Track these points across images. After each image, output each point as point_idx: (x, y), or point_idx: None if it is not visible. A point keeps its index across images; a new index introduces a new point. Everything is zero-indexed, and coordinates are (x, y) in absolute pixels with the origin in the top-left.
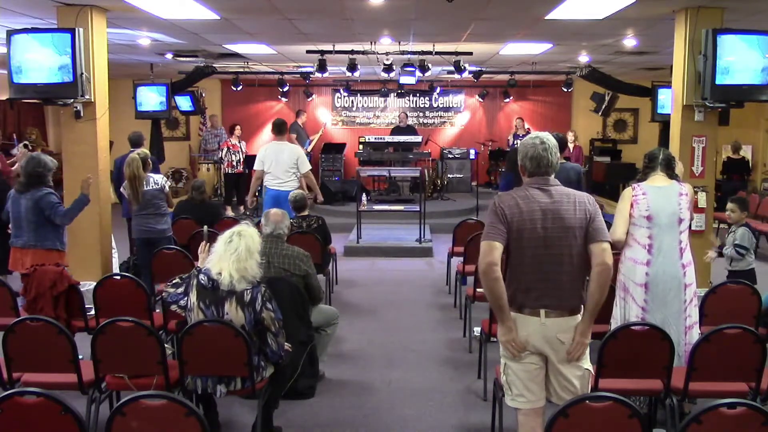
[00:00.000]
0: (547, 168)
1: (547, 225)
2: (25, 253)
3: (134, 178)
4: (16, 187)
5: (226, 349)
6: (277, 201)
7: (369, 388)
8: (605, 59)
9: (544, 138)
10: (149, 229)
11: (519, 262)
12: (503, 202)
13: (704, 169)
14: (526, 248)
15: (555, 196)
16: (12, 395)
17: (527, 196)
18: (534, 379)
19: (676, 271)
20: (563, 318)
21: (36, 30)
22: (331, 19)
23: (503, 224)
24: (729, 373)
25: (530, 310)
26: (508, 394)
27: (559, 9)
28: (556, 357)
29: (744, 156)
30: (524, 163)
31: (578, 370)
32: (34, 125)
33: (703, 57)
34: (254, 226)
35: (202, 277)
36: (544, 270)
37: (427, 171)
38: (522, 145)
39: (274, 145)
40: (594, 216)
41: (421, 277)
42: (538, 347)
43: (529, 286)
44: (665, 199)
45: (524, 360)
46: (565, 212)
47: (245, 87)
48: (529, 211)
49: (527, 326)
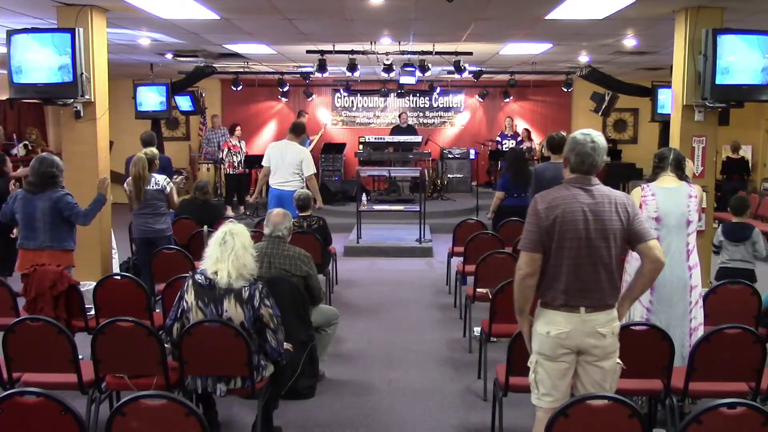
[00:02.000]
0: (590, 168)
1: (588, 227)
2: (40, 255)
3: (139, 178)
4: (27, 188)
5: (226, 348)
6: (280, 200)
7: (369, 388)
8: (605, 59)
9: (596, 137)
10: (147, 229)
11: (558, 262)
12: (545, 203)
13: (704, 169)
14: (566, 249)
15: (597, 197)
16: (12, 395)
17: (569, 196)
18: (563, 378)
19: (683, 273)
20: (602, 312)
21: (36, 30)
22: (331, 19)
23: (543, 228)
24: (729, 373)
25: (570, 308)
26: (534, 393)
27: (559, 9)
28: (597, 352)
29: (743, 156)
30: (569, 156)
31: (613, 363)
32: (34, 125)
33: (703, 57)
34: (255, 225)
35: (198, 276)
36: (583, 271)
37: (427, 171)
38: (572, 139)
39: (282, 144)
40: (633, 218)
41: (421, 277)
42: (578, 343)
43: (568, 287)
44: (674, 201)
45: (560, 359)
46: (605, 214)
47: (245, 87)
48: (571, 211)
49: (568, 323)
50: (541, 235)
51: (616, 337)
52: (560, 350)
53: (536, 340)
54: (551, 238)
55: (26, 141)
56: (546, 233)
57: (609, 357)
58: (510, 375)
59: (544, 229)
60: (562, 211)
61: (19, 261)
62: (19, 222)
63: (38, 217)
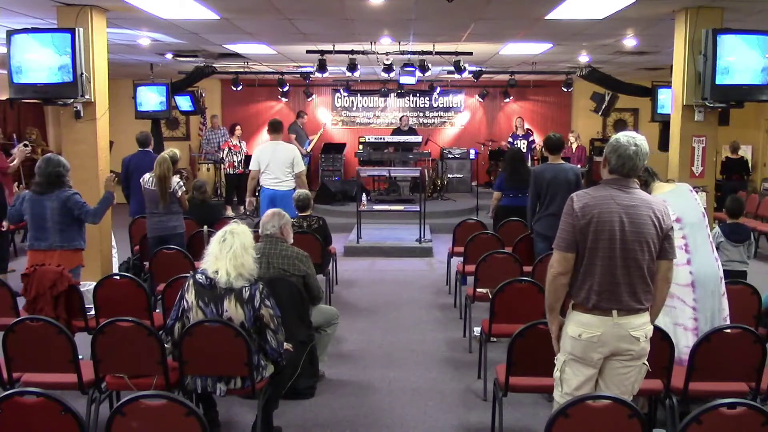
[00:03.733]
0: (630, 171)
1: (624, 229)
2: (51, 255)
3: (164, 179)
4: (34, 188)
5: (226, 348)
6: (272, 201)
7: (369, 388)
8: (605, 59)
9: (639, 141)
10: (162, 227)
11: (592, 263)
12: (581, 202)
13: (704, 169)
14: (600, 250)
15: (635, 200)
16: (12, 395)
17: (607, 196)
18: (589, 382)
19: (713, 265)
20: (635, 316)
21: (36, 30)
22: (331, 19)
23: (577, 228)
24: (729, 373)
25: (602, 311)
26: (558, 391)
27: (559, 9)
28: (630, 354)
29: (743, 156)
30: (610, 157)
31: (643, 364)
32: (34, 125)
33: (703, 57)
34: (254, 226)
35: (199, 276)
36: (617, 273)
37: (427, 171)
38: (615, 140)
39: (270, 145)
40: (668, 231)
41: (421, 277)
42: (611, 348)
43: (601, 289)
44: (683, 200)
45: (591, 362)
46: (642, 218)
47: (245, 87)
48: (608, 212)
49: (600, 326)
50: (575, 234)
51: (648, 341)
52: (594, 354)
53: (568, 342)
54: (585, 238)
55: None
56: (581, 233)
57: (640, 359)
58: (510, 375)
59: (578, 228)
60: (599, 212)
61: (29, 262)
62: (29, 223)
63: (48, 217)
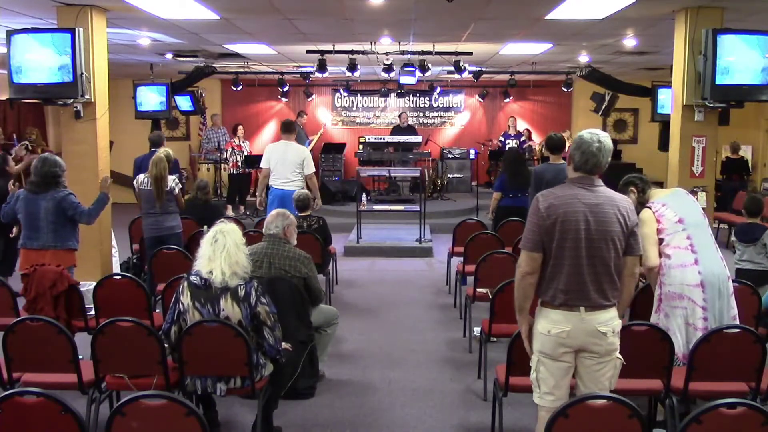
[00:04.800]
0: (593, 168)
1: (589, 227)
2: (43, 255)
3: (161, 179)
4: (29, 188)
5: (226, 348)
6: (282, 200)
7: (369, 388)
8: (605, 59)
9: (602, 138)
10: (159, 227)
11: (559, 262)
12: (546, 202)
13: (704, 169)
14: (566, 249)
15: (599, 198)
16: (12, 395)
17: (572, 195)
18: (565, 377)
19: (720, 264)
20: (602, 311)
21: (36, 30)
22: (331, 19)
23: (543, 228)
24: (729, 373)
25: (569, 307)
26: (536, 392)
27: (559, 9)
28: (597, 350)
29: (743, 156)
30: (573, 154)
31: (614, 360)
32: (34, 125)
33: (703, 57)
34: (255, 225)
35: (193, 277)
36: (584, 272)
37: (427, 171)
38: (579, 137)
39: (280, 145)
40: (633, 228)
41: (421, 277)
42: (580, 343)
43: (568, 287)
44: (683, 201)
45: (561, 358)
46: (607, 216)
47: (245, 87)
48: (573, 212)
49: (568, 322)
50: (541, 234)
51: (616, 335)
52: (561, 349)
53: (537, 339)
54: (552, 237)
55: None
56: (546, 233)
57: (609, 354)
58: (510, 375)
59: (544, 228)
60: (564, 212)
61: (21, 261)
62: (22, 222)
63: (41, 216)
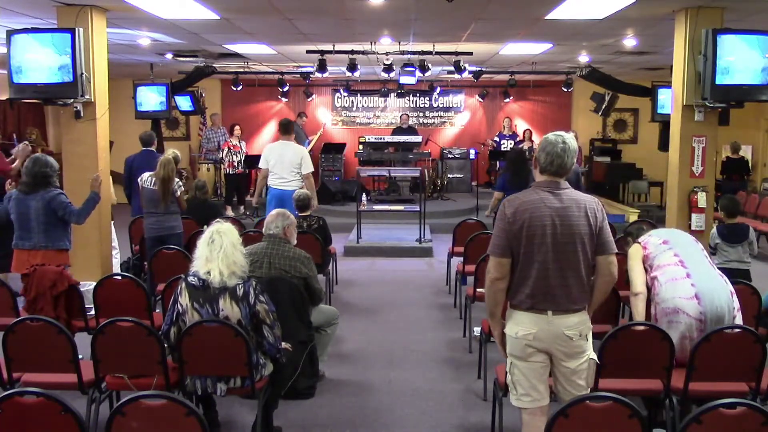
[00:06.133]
0: (558, 169)
1: (556, 232)
2: (35, 255)
3: (168, 180)
4: (21, 188)
5: (226, 348)
6: (280, 200)
7: (369, 388)
8: (605, 59)
9: (567, 139)
10: (160, 227)
11: (526, 267)
12: (512, 207)
13: (704, 169)
14: (535, 254)
15: (565, 201)
16: (12, 395)
17: (537, 200)
18: (540, 377)
19: (715, 273)
20: (570, 315)
21: (36, 30)
22: (331, 19)
23: (511, 233)
24: (729, 373)
25: (537, 310)
26: (513, 394)
27: (559, 9)
28: (563, 352)
29: (743, 156)
30: (539, 156)
31: (584, 360)
32: (34, 125)
33: (703, 57)
34: (255, 225)
35: (191, 278)
36: (551, 275)
37: (427, 171)
38: (544, 139)
39: (279, 145)
40: (602, 226)
41: (421, 277)
42: (546, 345)
43: (536, 292)
44: (672, 232)
45: (531, 358)
46: (573, 219)
47: (245, 87)
48: (539, 216)
49: (535, 324)
50: (509, 239)
51: (584, 338)
52: (528, 350)
53: (509, 343)
54: (519, 242)
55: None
56: (514, 238)
57: (577, 357)
58: None
59: (512, 233)
60: (530, 216)
61: (14, 261)
62: (14, 222)
63: (32, 217)
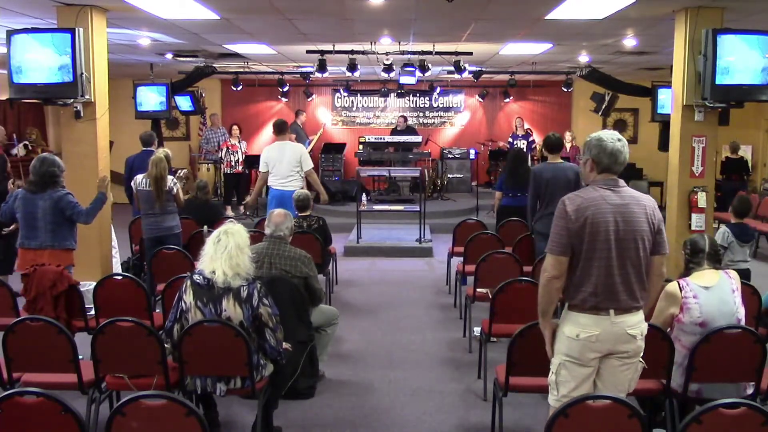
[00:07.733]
0: (622, 165)
1: (618, 228)
2: (41, 254)
3: (160, 179)
4: (28, 187)
5: (226, 348)
6: (281, 201)
7: (369, 388)
8: (605, 59)
9: (619, 135)
10: (158, 227)
11: (588, 265)
12: (573, 205)
13: (704, 169)
14: (597, 251)
15: (625, 198)
16: (12, 395)
17: (598, 197)
18: (586, 381)
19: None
20: (631, 314)
21: (36, 30)
22: (331, 19)
23: (572, 231)
24: (729, 373)
25: (599, 310)
26: (553, 394)
27: (559, 9)
28: (625, 352)
29: (743, 156)
30: (600, 158)
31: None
32: (34, 125)
33: (703, 57)
34: (255, 225)
35: (197, 276)
36: (614, 273)
37: (427, 171)
38: (598, 140)
39: (276, 146)
40: (660, 226)
41: (421, 277)
42: (609, 347)
43: (599, 290)
44: (719, 300)
45: (588, 363)
46: (635, 216)
47: (245, 87)
48: (601, 213)
49: (597, 325)
50: (570, 237)
51: (643, 339)
52: (590, 354)
53: (564, 343)
54: (581, 240)
55: (26, 141)
56: (576, 236)
57: (636, 356)
58: (510, 375)
59: (573, 231)
60: (593, 213)
61: (19, 260)
62: (20, 221)
63: (39, 216)
